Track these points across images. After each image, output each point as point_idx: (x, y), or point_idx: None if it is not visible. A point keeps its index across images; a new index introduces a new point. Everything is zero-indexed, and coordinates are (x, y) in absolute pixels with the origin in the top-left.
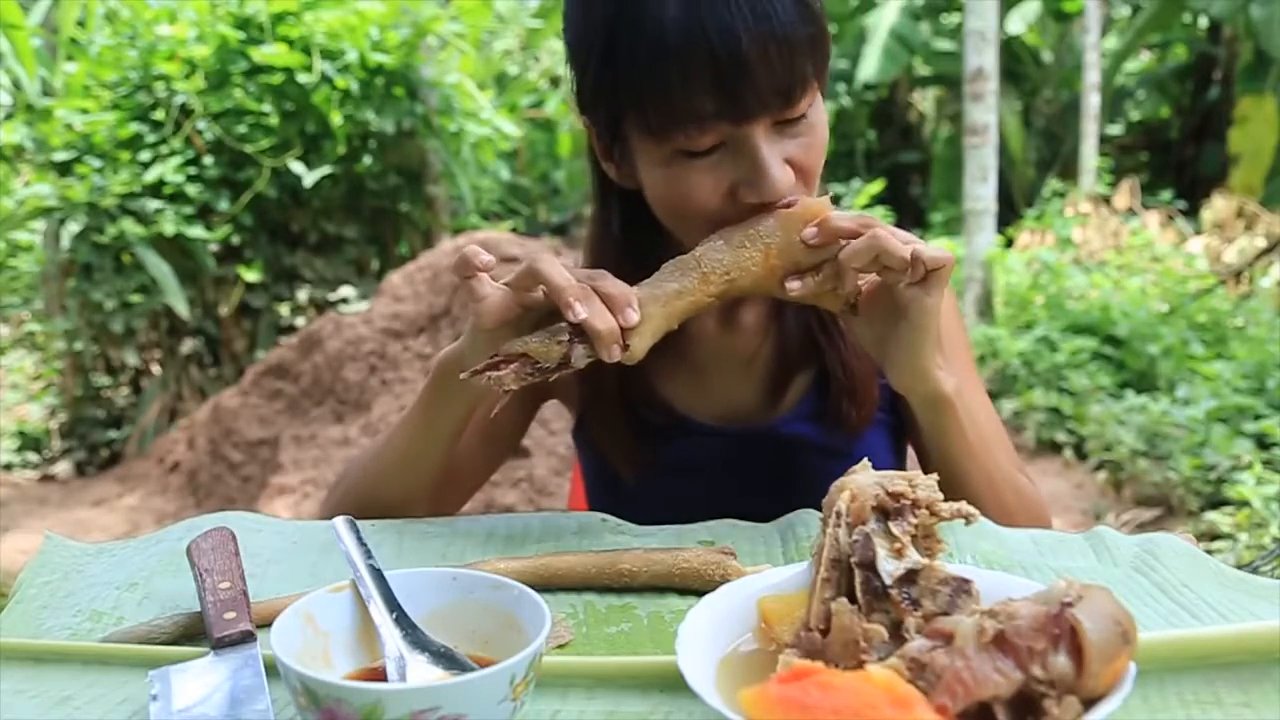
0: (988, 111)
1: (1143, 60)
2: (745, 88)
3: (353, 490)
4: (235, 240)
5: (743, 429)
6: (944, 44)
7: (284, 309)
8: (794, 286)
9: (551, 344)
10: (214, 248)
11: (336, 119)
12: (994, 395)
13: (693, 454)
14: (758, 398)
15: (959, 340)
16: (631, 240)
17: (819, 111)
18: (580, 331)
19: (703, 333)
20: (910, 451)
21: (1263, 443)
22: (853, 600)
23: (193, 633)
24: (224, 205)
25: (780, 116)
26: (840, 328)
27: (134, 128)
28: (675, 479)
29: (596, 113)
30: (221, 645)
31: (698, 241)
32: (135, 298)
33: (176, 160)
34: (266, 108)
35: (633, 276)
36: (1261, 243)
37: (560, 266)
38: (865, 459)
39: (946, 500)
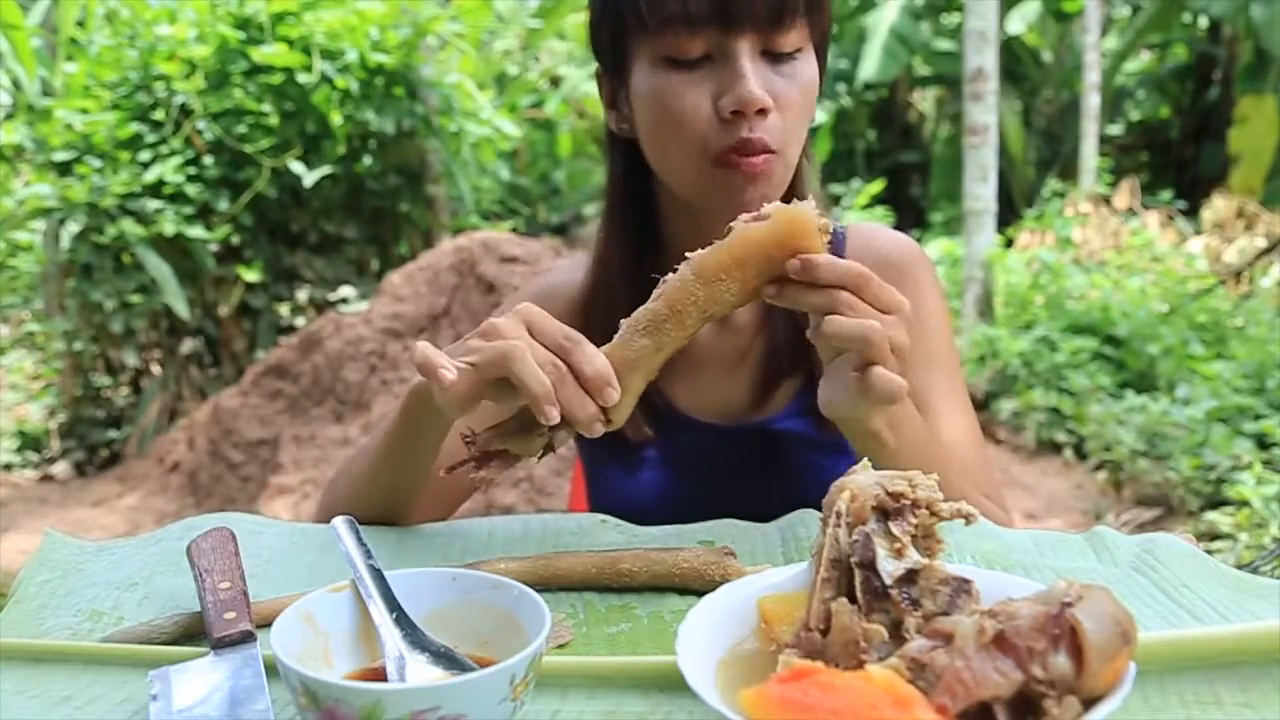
0: (988, 111)
1: (1143, 60)
2: None
3: (335, 509)
4: (235, 240)
5: (736, 425)
6: (944, 44)
7: (284, 309)
8: (770, 292)
9: (532, 438)
10: (214, 248)
11: (336, 119)
12: (994, 395)
13: (688, 450)
14: (750, 395)
15: (945, 349)
16: (632, 190)
17: (810, 66)
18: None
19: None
20: None
21: (1263, 443)
22: (853, 600)
23: (193, 633)
24: (224, 205)
25: (768, 40)
26: None
27: (134, 128)
28: (671, 475)
29: (602, 38)
30: (221, 645)
31: (683, 176)
32: (135, 298)
33: (176, 160)
34: (266, 108)
35: (635, 231)
36: (1261, 243)
37: (531, 360)
38: (866, 459)
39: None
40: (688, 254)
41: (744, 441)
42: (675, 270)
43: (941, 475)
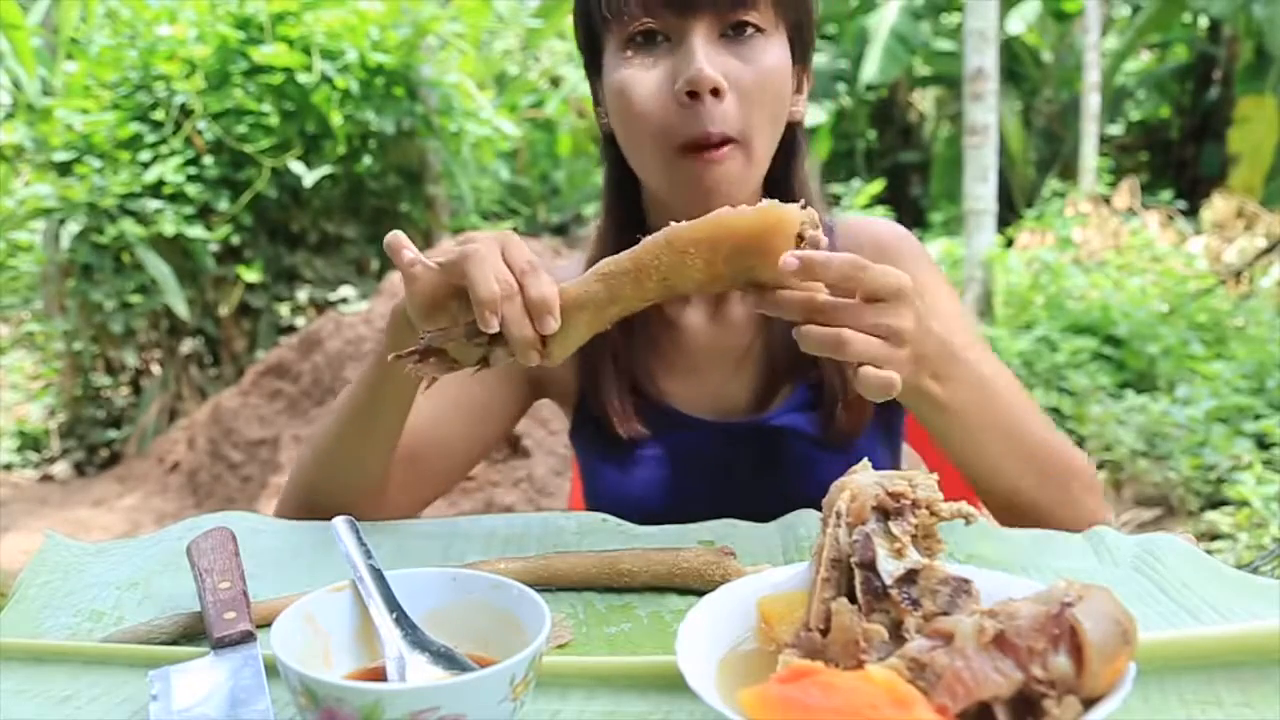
0: (988, 111)
1: (1143, 60)
2: None
3: (305, 474)
4: (235, 240)
5: (734, 422)
6: (944, 44)
7: (284, 309)
8: (751, 302)
9: (470, 346)
10: (214, 248)
11: (336, 119)
12: None
13: (687, 447)
14: (749, 394)
15: (951, 316)
16: (622, 188)
17: (774, 50)
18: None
19: (694, 328)
20: (907, 449)
21: (1263, 443)
22: (853, 600)
23: (193, 633)
24: (224, 205)
25: (726, 22)
26: None
27: (134, 128)
28: (669, 473)
29: (580, 36)
30: (221, 645)
31: (649, 168)
32: (135, 298)
33: (176, 160)
34: (266, 108)
35: (626, 227)
36: (1261, 243)
37: (489, 268)
38: (865, 459)
39: (956, 499)
40: (671, 221)
41: (742, 438)
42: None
43: (1004, 408)
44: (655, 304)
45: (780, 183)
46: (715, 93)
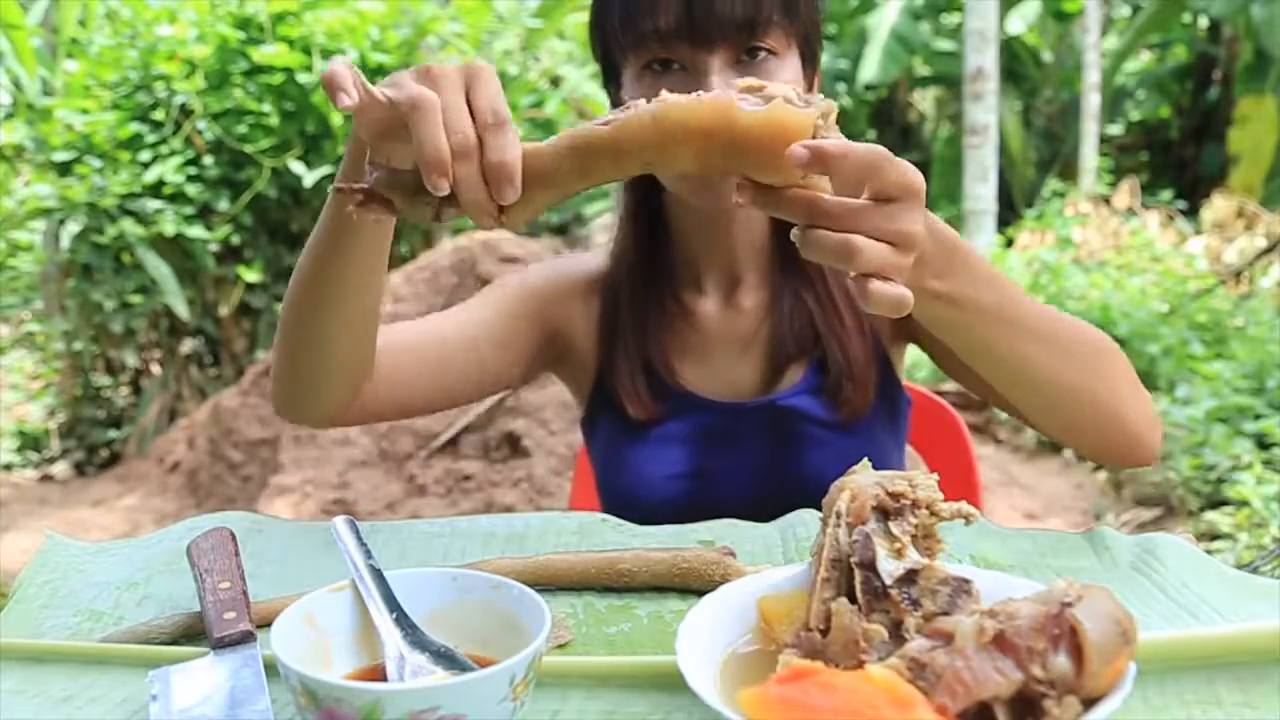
0: (988, 111)
1: (1143, 60)
2: (707, 13)
3: (287, 339)
4: (235, 240)
5: (743, 403)
6: (944, 44)
7: None
8: (742, 200)
9: (420, 204)
10: (214, 248)
11: (336, 119)
12: None
13: (698, 426)
14: (757, 377)
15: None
16: (641, 189)
17: (787, 69)
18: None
19: (707, 314)
20: (908, 449)
21: (1263, 443)
22: (853, 600)
23: (193, 633)
24: (224, 205)
25: (740, 49)
26: (841, 315)
27: (134, 128)
28: (682, 450)
29: (596, 49)
30: (221, 645)
31: (671, 183)
32: (135, 298)
33: (176, 160)
34: (266, 108)
35: (645, 220)
36: (1261, 243)
37: (440, 121)
38: (865, 459)
39: (958, 499)
40: (666, 93)
41: (752, 417)
42: (644, 102)
43: (1012, 293)
44: (672, 295)
45: None
46: None
